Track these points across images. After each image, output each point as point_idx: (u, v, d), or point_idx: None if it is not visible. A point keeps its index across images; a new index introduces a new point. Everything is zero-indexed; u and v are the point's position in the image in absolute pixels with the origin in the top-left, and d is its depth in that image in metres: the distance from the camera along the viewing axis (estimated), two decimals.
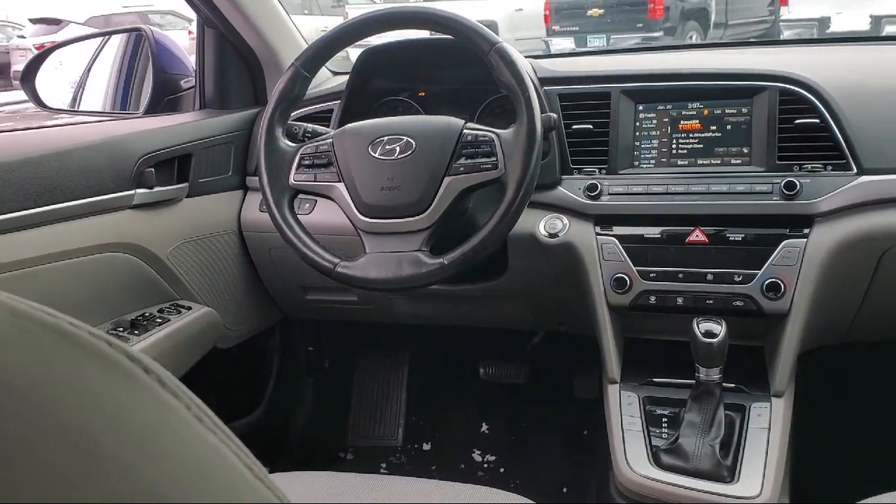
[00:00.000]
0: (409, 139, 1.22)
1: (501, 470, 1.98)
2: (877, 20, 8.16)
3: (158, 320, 1.40)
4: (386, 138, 1.23)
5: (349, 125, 1.29)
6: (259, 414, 1.90)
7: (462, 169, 1.19)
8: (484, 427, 2.08)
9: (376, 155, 1.22)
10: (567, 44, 9.74)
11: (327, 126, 1.47)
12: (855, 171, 1.27)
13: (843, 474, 1.71)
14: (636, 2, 9.77)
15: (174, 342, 1.39)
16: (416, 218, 1.20)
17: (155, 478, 0.26)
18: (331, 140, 1.26)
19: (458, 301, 1.65)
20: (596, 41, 9.44)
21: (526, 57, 1.47)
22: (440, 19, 1.22)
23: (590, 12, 10.12)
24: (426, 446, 2.09)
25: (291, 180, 1.26)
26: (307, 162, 1.26)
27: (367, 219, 1.22)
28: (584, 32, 9.82)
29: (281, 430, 2.06)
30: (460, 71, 1.52)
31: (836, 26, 8.41)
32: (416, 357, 2.21)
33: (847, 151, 1.27)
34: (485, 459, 2.01)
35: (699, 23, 10.13)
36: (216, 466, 0.29)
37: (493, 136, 1.19)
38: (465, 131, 1.20)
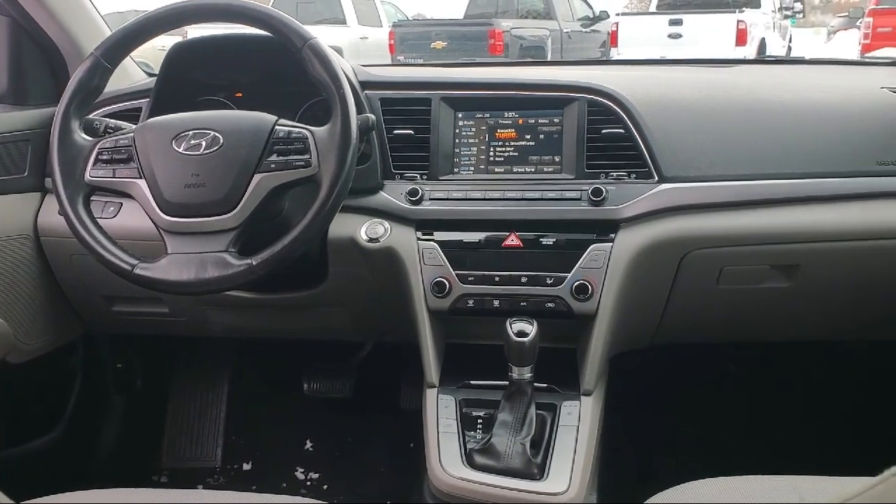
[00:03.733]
0: (217, 134, 1.17)
1: (325, 487, 1.92)
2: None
3: None
4: (191, 132, 1.17)
5: (152, 119, 1.23)
6: (58, 434, 1.75)
7: (273, 166, 1.15)
8: (308, 444, 2.02)
9: (180, 150, 1.16)
10: None
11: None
12: (656, 179, 1.34)
13: (649, 470, 1.79)
14: (478, 38, 10.14)
15: None
16: (223, 217, 1.14)
17: None
18: (132, 134, 1.19)
19: (278, 311, 1.59)
20: None
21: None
22: (253, 13, 1.18)
23: (433, 44, 10.38)
24: (246, 466, 2.01)
25: (87, 176, 1.18)
26: (105, 157, 1.18)
27: (169, 217, 1.15)
28: (428, 64, 10.02)
29: (86, 452, 1.90)
30: (281, 73, 1.47)
31: None
32: (236, 373, 2.12)
33: (649, 160, 1.34)
34: (308, 477, 1.95)
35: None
36: None
37: (308, 133, 1.16)
38: (277, 127, 1.17)
